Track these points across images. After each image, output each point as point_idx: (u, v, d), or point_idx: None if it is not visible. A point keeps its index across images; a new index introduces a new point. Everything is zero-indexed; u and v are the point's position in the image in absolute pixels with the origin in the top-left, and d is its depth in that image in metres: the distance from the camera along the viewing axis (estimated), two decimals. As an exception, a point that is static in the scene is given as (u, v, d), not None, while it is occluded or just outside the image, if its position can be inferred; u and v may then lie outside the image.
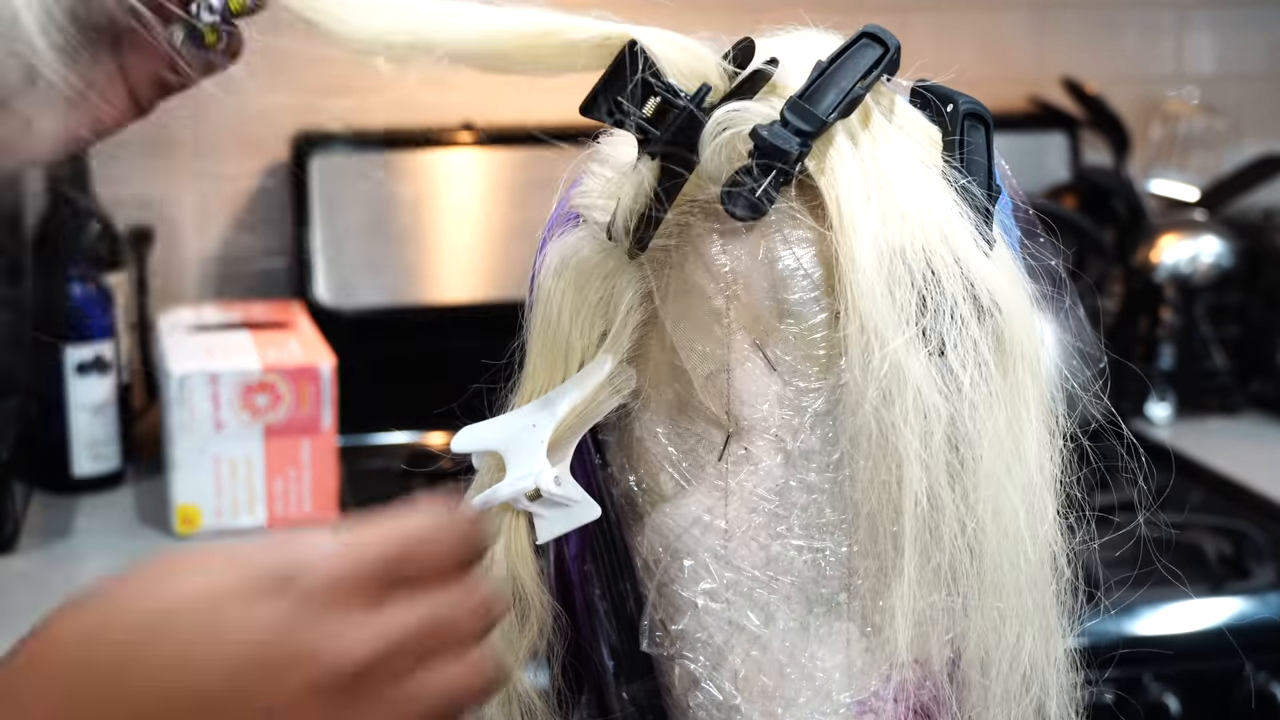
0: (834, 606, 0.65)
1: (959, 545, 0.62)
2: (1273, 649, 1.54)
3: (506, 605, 0.64)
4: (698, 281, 0.63)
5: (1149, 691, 1.49)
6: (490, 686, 0.54)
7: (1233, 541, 1.65)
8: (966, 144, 0.63)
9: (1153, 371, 2.04)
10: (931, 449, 0.60)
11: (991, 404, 0.62)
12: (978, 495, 0.62)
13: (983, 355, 0.61)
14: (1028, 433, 0.64)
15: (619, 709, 0.71)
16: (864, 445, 0.61)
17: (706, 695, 0.65)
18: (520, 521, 0.65)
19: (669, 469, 0.65)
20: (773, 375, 0.63)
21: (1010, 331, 0.62)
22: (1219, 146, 2.20)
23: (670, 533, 0.65)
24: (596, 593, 0.71)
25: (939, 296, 0.60)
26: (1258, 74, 2.28)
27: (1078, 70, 2.13)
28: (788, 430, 0.63)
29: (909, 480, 0.60)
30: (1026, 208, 0.69)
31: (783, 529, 0.64)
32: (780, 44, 0.65)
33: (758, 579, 0.65)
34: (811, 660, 0.65)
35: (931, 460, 0.60)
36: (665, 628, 0.66)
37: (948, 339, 0.60)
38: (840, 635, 0.65)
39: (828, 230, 0.61)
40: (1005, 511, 0.63)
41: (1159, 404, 2.04)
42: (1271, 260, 2.10)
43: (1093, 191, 2.09)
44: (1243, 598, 1.56)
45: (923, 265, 0.60)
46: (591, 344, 0.64)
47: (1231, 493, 1.81)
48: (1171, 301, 2.04)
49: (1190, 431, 2.01)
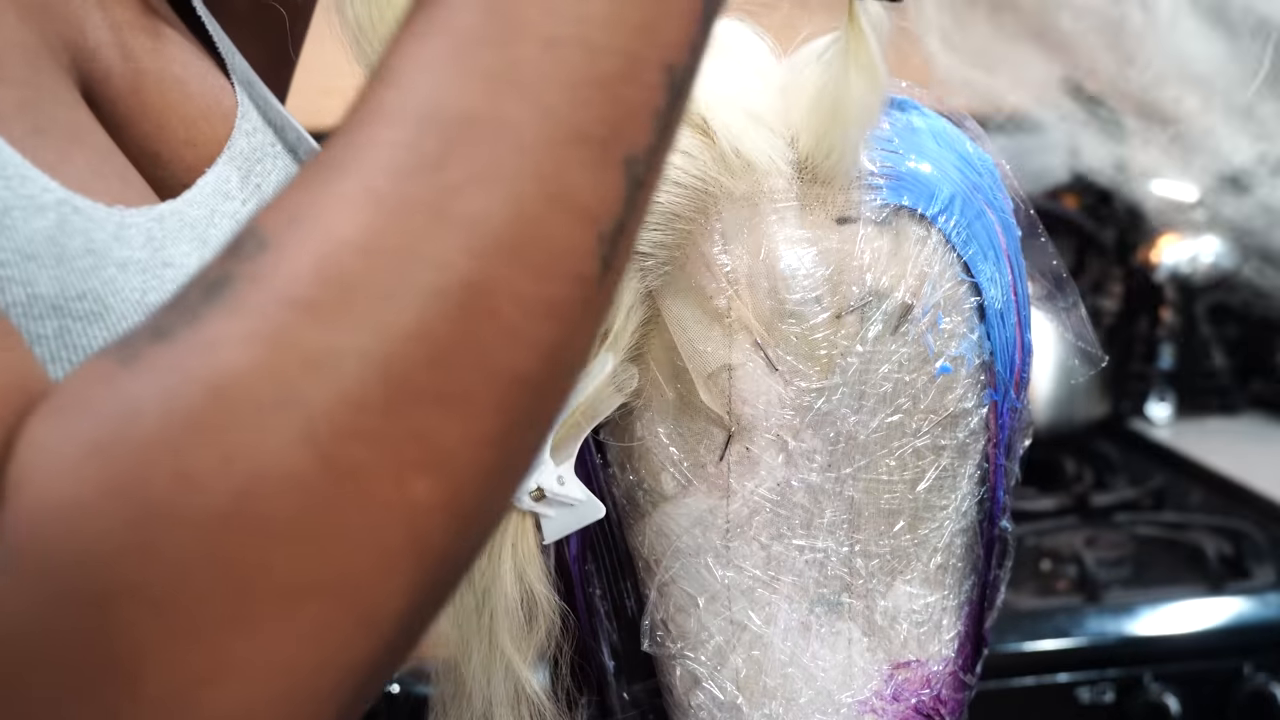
0: (835, 606, 0.65)
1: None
2: (1273, 649, 1.54)
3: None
4: (699, 281, 0.63)
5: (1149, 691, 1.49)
6: None
7: (1233, 541, 1.65)
8: None
9: (1152, 371, 2.04)
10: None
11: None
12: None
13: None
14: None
15: (620, 709, 0.71)
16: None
17: (708, 695, 0.65)
18: (527, 522, 0.65)
19: (670, 468, 0.65)
20: (774, 375, 0.63)
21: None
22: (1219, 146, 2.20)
23: (671, 532, 0.65)
24: (597, 592, 0.71)
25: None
26: (1258, 74, 2.28)
27: (1077, 70, 2.13)
28: (789, 430, 0.64)
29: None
30: (1027, 208, 0.69)
31: (784, 529, 0.64)
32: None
33: (759, 579, 0.65)
34: (813, 660, 0.65)
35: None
36: (666, 627, 0.66)
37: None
38: (841, 635, 0.65)
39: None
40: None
41: (1159, 404, 2.04)
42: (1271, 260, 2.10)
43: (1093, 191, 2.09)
44: (1243, 598, 1.56)
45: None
46: (593, 344, 0.64)
47: (1231, 493, 1.81)
48: (1171, 301, 2.04)
49: (1190, 431, 2.01)
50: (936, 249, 0.64)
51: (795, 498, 0.64)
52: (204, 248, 0.58)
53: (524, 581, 0.65)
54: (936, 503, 0.66)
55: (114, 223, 0.53)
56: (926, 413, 0.65)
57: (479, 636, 0.66)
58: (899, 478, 0.65)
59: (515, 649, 0.65)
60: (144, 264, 0.53)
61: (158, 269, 0.54)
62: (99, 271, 0.51)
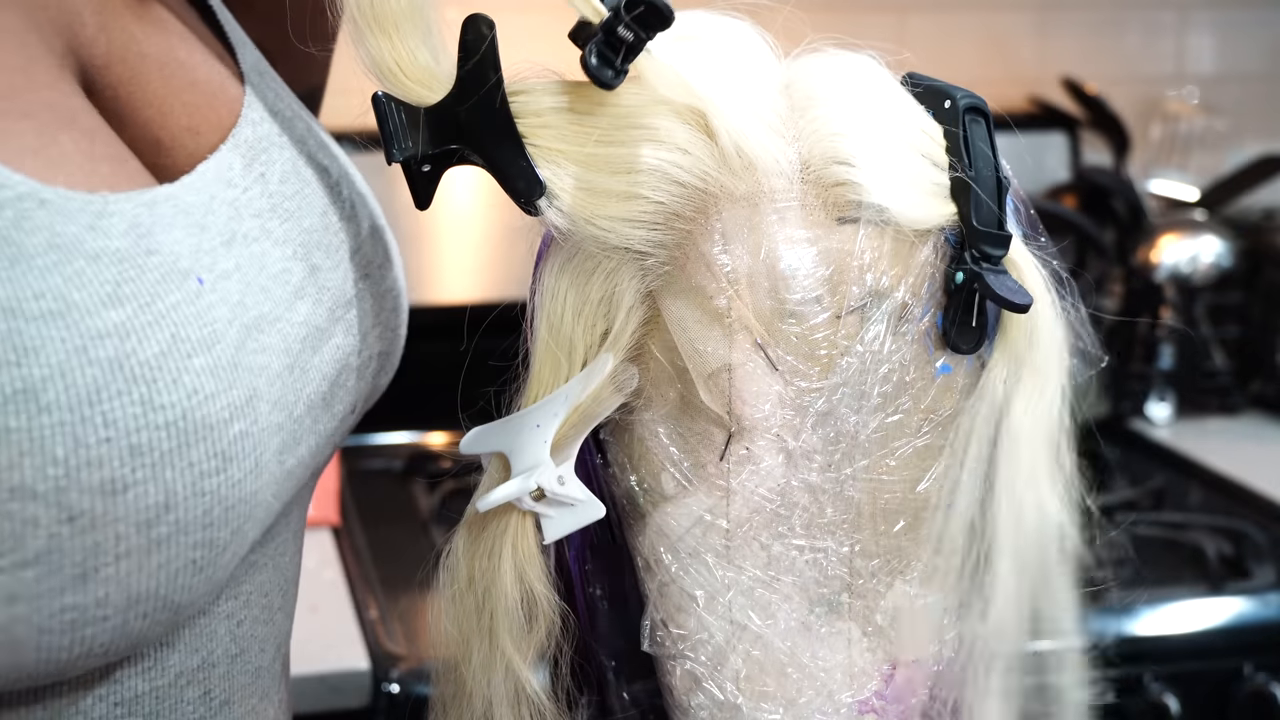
0: (835, 606, 0.65)
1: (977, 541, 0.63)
2: (1273, 649, 1.54)
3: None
4: (699, 281, 0.63)
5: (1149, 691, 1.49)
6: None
7: (1233, 541, 1.66)
8: (970, 139, 0.64)
9: (1152, 371, 2.05)
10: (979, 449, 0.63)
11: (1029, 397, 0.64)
12: (1002, 490, 0.63)
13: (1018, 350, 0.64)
14: (1054, 423, 0.65)
15: (620, 709, 0.71)
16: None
17: (708, 695, 0.65)
18: (527, 522, 0.65)
19: (670, 469, 0.65)
20: (774, 375, 0.63)
21: (1036, 324, 0.64)
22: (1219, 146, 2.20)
23: (672, 532, 0.65)
24: (597, 592, 0.71)
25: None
26: (1258, 74, 2.28)
27: (1078, 70, 2.13)
28: (789, 430, 0.64)
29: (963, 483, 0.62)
30: (1027, 208, 0.69)
31: (784, 529, 0.64)
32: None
33: (759, 579, 0.65)
34: (813, 660, 0.65)
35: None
36: (666, 627, 0.66)
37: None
38: (842, 635, 0.65)
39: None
40: (1027, 505, 0.64)
41: (1159, 404, 2.04)
42: (1271, 260, 2.10)
43: (1093, 191, 2.09)
44: (1243, 598, 1.56)
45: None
46: (594, 343, 0.64)
47: (1231, 493, 1.82)
48: (1171, 301, 2.04)
49: (1190, 431, 2.01)
50: (937, 248, 0.64)
51: (795, 498, 0.64)
52: (201, 234, 0.57)
53: (524, 581, 0.65)
54: (936, 503, 0.66)
55: (91, 211, 0.52)
56: (927, 413, 0.65)
57: (479, 636, 0.66)
58: (899, 478, 0.65)
59: (515, 649, 0.65)
60: (122, 254, 0.53)
61: (139, 258, 0.53)
62: (63, 267, 0.50)
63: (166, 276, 0.54)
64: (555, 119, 0.61)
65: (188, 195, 0.58)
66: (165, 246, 0.55)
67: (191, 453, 0.52)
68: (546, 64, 0.62)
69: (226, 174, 0.61)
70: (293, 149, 0.67)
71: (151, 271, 0.53)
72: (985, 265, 0.63)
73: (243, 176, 0.62)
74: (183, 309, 0.54)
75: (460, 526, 0.67)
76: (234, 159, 0.63)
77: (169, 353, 0.52)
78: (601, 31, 0.58)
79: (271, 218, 0.63)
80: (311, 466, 0.65)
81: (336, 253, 0.67)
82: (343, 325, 0.66)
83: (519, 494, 0.64)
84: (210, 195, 0.60)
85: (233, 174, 0.62)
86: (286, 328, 0.61)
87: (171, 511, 0.52)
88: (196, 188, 0.59)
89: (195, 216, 0.58)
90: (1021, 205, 0.69)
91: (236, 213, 0.61)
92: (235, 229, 0.60)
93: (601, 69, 0.59)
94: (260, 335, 0.58)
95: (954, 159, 0.64)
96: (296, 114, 0.70)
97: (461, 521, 0.67)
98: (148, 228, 0.54)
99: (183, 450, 0.52)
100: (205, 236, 0.57)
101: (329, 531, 1.64)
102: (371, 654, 1.38)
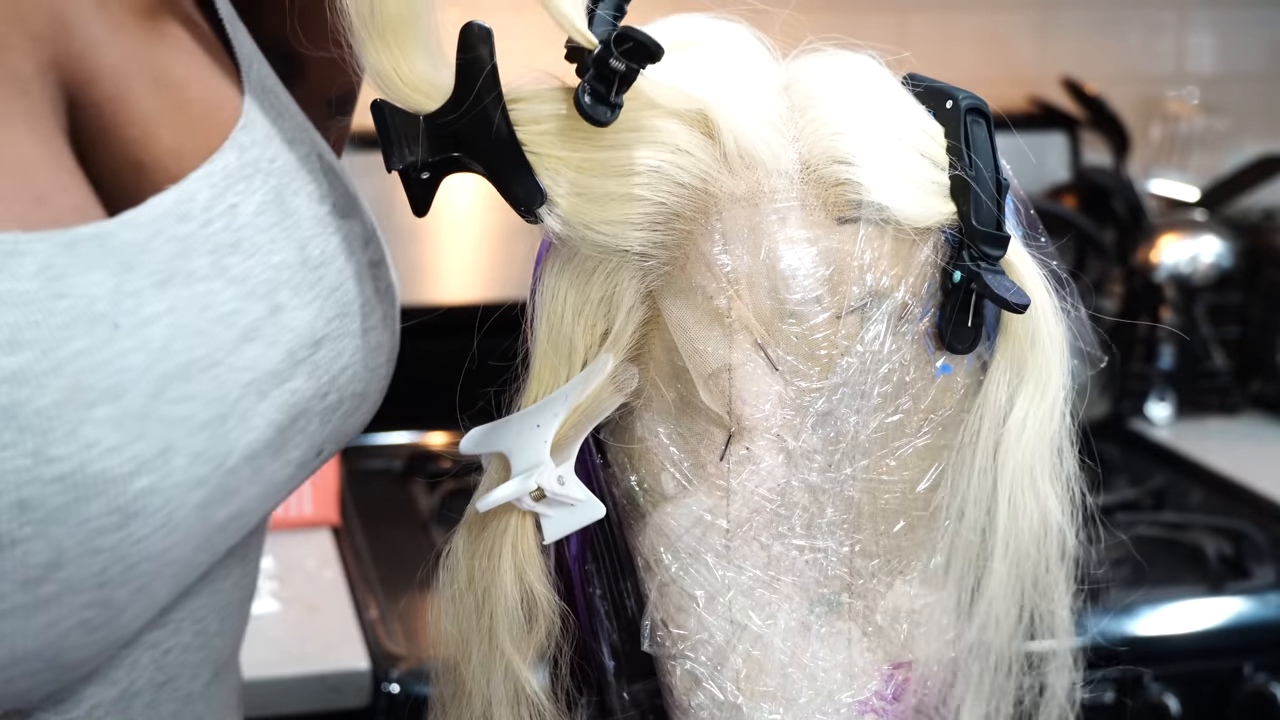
0: (835, 606, 0.65)
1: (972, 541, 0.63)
2: (1273, 649, 1.54)
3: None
4: (699, 281, 0.63)
5: (1149, 691, 1.49)
6: None
7: (1233, 541, 1.65)
8: (971, 140, 0.64)
9: (1152, 371, 2.05)
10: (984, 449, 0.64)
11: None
12: (1002, 491, 0.64)
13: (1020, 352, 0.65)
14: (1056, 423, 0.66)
15: (620, 709, 0.71)
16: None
17: (708, 695, 0.65)
18: (527, 522, 0.65)
19: (670, 469, 0.65)
20: (774, 375, 0.63)
21: (1037, 325, 0.65)
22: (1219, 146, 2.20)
23: (672, 532, 0.65)
24: (597, 593, 0.71)
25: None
26: (1258, 74, 2.28)
27: (1078, 70, 2.13)
28: (789, 430, 0.64)
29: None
30: (1027, 208, 0.69)
31: (784, 529, 0.64)
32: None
33: (759, 579, 0.65)
34: (813, 660, 0.65)
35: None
36: (667, 628, 0.66)
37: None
38: (841, 635, 0.65)
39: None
40: (1027, 506, 0.64)
41: (1159, 404, 2.04)
42: (1271, 260, 2.10)
43: (1093, 191, 2.09)
44: (1243, 598, 1.56)
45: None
46: (594, 343, 0.64)
47: (1231, 493, 1.82)
48: (1171, 301, 2.04)
49: (1190, 431, 2.01)
50: (937, 248, 0.64)
51: (795, 498, 0.64)
52: (125, 275, 0.53)
53: (524, 581, 0.65)
54: (945, 513, 0.66)
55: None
56: (926, 413, 0.65)
57: (479, 636, 0.66)
58: (899, 478, 0.65)
59: (515, 649, 0.65)
60: (28, 296, 0.50)
61: (46, 301, 0.50)
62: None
63: (75, 320, 0.51)
64: (554, 126, 0.61)
65: (124, 232, 0.55)
66: (79, 289, 0.51)
67: (86, 508, 0.50)
68: (545, 66, 0.62)
69: (184, 207, 0.58)
70: (282, 176, 0.63)
71: (59, 315, 0.50)
72: (983, 265, 0.63)
73: (206, 209, 0.59)
74: (89, 355, 0.51)
75: (460, 526, 0.67)
76: (200, 189, 0.59)
77: (67, 402, 0.49)
78: (593, 66, 0.58)
79: (232, 254, 0.59)
80: (260, 512, 0.61)
81: (310, 290, 0.62)
82: (305, 368, 0.61)
83: (519, 494, 0.64)
84: (154, 231, 0.56)
85: (193, 206, 0.58)
86: (225, 373, 0.56)
87: (61, 570, 0.49)
88: (138, 224, 0.55)
89: (125, 255, 0.54)
90: (1021, 205, 0.69)
91: (185, 249, 0.57)
92: (178, 268, 0.56)
93: (595, 107, 0.58)
94: (184, 384, 0.54)
95: (954, 159, 0.64)
96: (299, 138, 0.66)
97: (461, 521, 0.67)
98: (61, 269, 0.51)
99: (76, 506, 0.49)
100: (131, 277, 0.54)
101: (329, 531, 1.64)
102: (371, 654, 1.38)
